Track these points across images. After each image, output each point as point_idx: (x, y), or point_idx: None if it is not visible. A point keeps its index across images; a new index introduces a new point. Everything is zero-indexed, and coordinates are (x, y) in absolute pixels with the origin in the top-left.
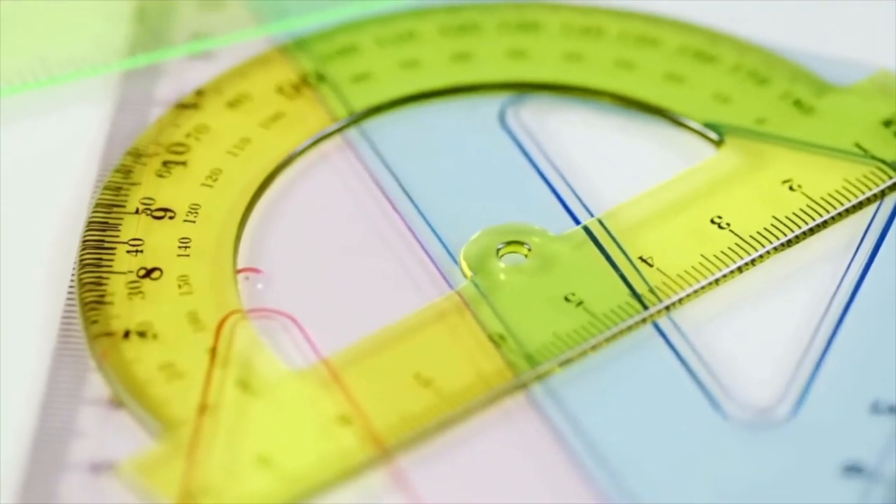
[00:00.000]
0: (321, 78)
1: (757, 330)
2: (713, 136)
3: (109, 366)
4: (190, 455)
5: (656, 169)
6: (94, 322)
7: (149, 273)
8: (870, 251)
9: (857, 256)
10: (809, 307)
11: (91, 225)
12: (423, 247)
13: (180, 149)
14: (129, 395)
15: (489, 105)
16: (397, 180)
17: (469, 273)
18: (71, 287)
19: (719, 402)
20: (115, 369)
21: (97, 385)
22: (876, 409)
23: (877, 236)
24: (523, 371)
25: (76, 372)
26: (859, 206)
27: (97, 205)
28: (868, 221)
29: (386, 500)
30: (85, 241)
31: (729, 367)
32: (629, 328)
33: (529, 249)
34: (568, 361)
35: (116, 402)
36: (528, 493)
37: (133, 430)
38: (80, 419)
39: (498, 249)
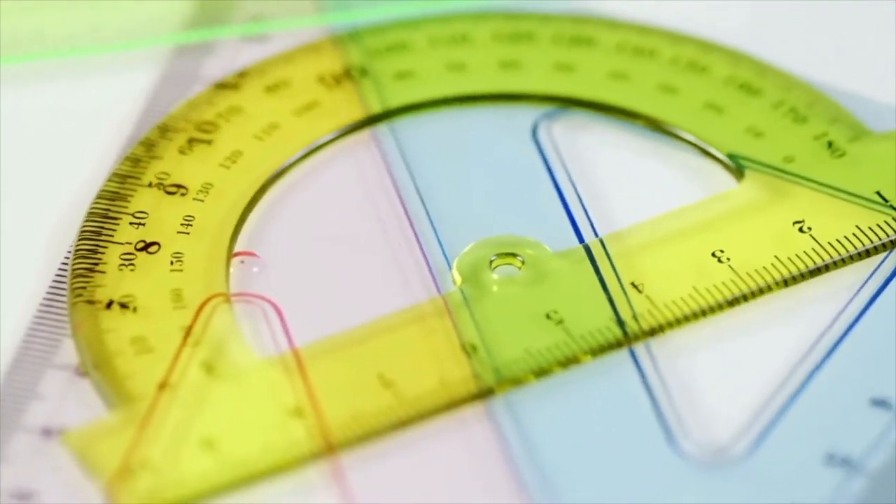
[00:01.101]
0: (364, 72)
1: (732, 366)
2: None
3: (83, 334)
4: (139, 430)
5: (674, 196)
6: (81, 289)
7: (147, 247)
8: (865, 301)
9: (851, 304)
10: (790, 349)
11: (101, 194)
12: (422, 249)
13: (209, 127)
14: (94, 364)
15: (525, 116)
16: (414, 180)
17: (458, 280)
18: (70, 251)
19: (675, 438)
20: (87, 338)
21: (68, 352)
22: (830, 460)
23: (876, 287)
24: (487, 383)
25: (52, 336)
26: (866, 254)
27: (113, 175)
28: (871, 271)
29: (318, 496)
30: (91, 211)
31: (694, 401)
32: (603, 351)
33: (523, 262)
34: (534, 378)
35: (83, 371)
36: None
37: (94, 399)
38: (44, 383)
39: (491, 261)
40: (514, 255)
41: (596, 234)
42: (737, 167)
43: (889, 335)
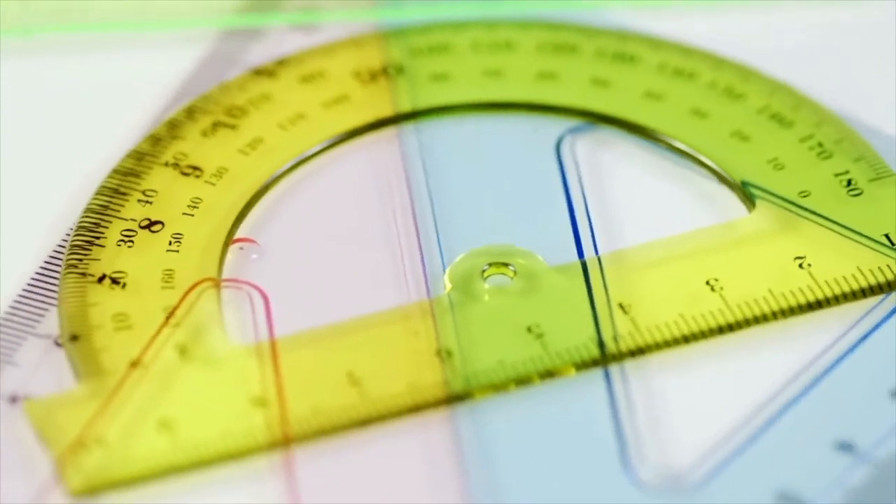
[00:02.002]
0: (401, 70)
1: (706, 393)
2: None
3: (68, 305)
4: (102, 406)
5: (684, 220)
6: (77, 261)
7: (151, 225)
8: (852, 342)
9: (837, 344)
10: (767, 381)
11: (116, 170)
12: (421, 252)
13: (237, 112)
14: (70, 335)
15: (553, 128)
16: (427, 182)
17: (448, 286)
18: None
19: (631, 461)
20: (71, 309)
21: (53, 322)
22: (783, 498)
23: (866, 330)
24: (456, 390)
25: (39, 306)
26: (862, 294)
27: (132, 152)
28: (864, 313)
29: (263, 485)
30: (102, 186)
31: (659, 425)
32: (577, 369)
33: (515, 272)
34: (503, 389)
35: (62, 341)
36: None
37: (68, 371)
38: (22, 350)
39: (483, 270)
40: (505, 264)
41: (597, 252)
42: (751, 198)
43: (869, 379)
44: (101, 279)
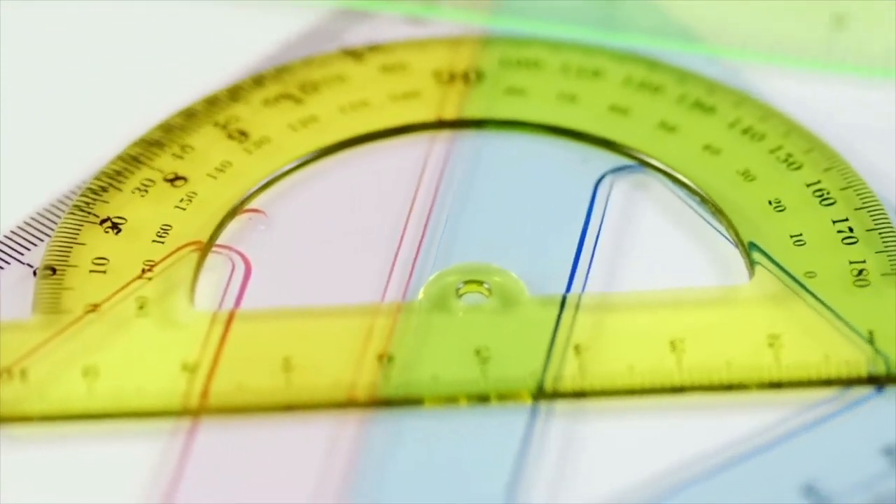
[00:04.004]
0: (480, 77)
1: (622, 449)
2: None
3: (57, 238)
4: (43, 342)
5: (688, 276)
6: (88, 201)
7: (175, 179)
8: (787, 431)
9: (774, 428)
10: (689, 450)
11: (162, 124)
12: (416, 258)
13: (308, 88)
14: (44, 267)
15: (600, 163)
16: (455, 192)
17: (420, 295)
18: None
19: (515, 501)
20: (57, 243)
21: (41, 253)
22: None
23: (806, 421)
24: (383, 395)
25: (36, 236)
26: (820, 384)
27: (184, 110)
28: (814, 403)
29: (155, 446)
30: (142, 138)
31: (562, 472)
32: (507, 399)
33: (490, 290)
34: (429, 404)
35: (38, 271)
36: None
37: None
38: (2, 274)
39: (457, 288)
40: (481, 282)
41: (584, 290)
42: (750, 265)
43: (788, 469)
44: (102, 221)
